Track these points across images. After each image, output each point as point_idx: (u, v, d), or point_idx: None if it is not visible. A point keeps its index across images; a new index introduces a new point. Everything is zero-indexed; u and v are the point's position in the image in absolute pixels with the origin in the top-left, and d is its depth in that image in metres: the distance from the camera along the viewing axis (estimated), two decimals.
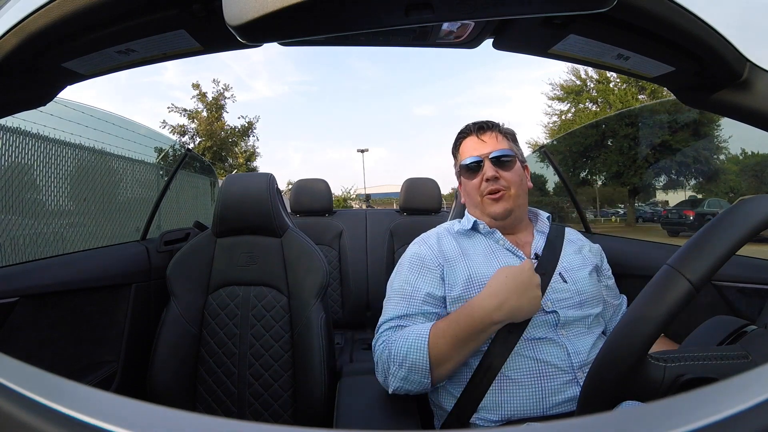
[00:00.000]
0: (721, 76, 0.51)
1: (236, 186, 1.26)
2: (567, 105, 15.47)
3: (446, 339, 0.74)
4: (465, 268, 0.85)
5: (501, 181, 0.90)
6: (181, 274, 1.21)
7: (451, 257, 0.88)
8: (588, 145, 10.55)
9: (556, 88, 15.51)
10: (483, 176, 0.90)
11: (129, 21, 0.47)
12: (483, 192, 0.91)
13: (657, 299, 0.42)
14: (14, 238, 1.76)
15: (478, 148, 0.93)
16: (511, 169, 0.90)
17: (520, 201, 0.91)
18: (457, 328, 0.74)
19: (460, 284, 0.83)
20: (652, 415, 0.21)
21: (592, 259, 0.93)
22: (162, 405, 0.22)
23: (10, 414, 0.22)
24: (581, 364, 0.76)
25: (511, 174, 0.90)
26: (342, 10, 0.30)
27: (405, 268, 0.89)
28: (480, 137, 0.94)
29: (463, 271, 0.84)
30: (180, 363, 1.14)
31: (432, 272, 0.86)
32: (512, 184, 0.90)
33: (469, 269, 0.84)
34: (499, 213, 0.89)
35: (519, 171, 0.92)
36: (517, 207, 0.91)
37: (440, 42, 0.62)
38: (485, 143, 0.92)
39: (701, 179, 8.79)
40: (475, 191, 0.93)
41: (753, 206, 0.43)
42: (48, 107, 0.72)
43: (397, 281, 0.89)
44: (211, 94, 14.65)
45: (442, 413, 0.83)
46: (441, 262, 0.87)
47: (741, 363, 0.42)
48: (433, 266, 0.87)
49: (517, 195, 0.90)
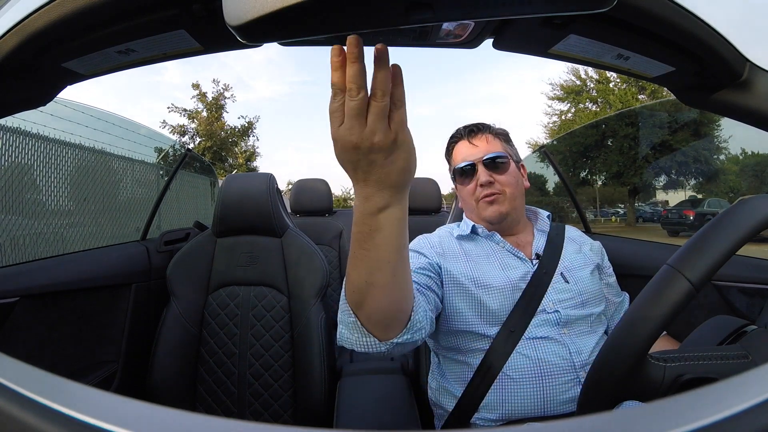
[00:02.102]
0: (721, 76, 0.51)
1: (236, 186, 1.26)
2: (567, 105, 15.48)
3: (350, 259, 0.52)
4: (467, 267, 0.85)
5: (495, 184, 0.89)
6: (181, 274, 1.21)
7: (451, 254, 0.88)
8: (588, 145, 10.55)
9: (556, 88, 15.52)
10: (477, 181, 0.90)
11: (129, 21, 0.47)
12: (478, 197, 0.90)
13: (657, 299, 0.42)
14: (14, 238, 1.76)
15: (470, 152, 0.92)
16: (505, 172, 0.89)
17: (516, 203, 0.91)
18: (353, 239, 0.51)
19: (459, 280, 0.83)
20: (652, 415, 0.21)
21: (593, 257, 0.93)
22: (162, 405, 0.22)
23: (10, 414, 0.22)
24: (583, 364, 0.75)
25: (506, 176, 0.89)
26: (342, 10, 0.30)
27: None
28: (471, 141, 0.93)
29: (464, 269, 0.84)
30: (180, 363, 1.14)
31: (426, 258, 0.85)
32: (507, 186, 0.89)
33: (472, 270, 0.84)
34: (494, 217, 0.89)
35: (514, 172, 0.91)
36: (513, 209, 0.90)
37: (440, 42, 0.62)
38: (477, 147, 0.91)
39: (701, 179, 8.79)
40: (470, 196, 0.92)
41: (753, 206, 0.43)
42: (48, 107, 0.72)
43: None
44: (211, 94, 14.68)
45: (443, 413, 0.83)
46: (438, 257, 0.87)
47: (741, 363, 0.42)
48: (430, 255, 0.86)
49: (512, 197, 0.90)
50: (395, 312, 0.55)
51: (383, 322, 0.55)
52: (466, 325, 0.81)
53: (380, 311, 0.53)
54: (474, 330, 0.80)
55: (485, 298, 0.81)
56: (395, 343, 0.57)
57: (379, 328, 0.55)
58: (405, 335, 0.58)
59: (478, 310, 0.80)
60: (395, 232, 0.47)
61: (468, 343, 0.81)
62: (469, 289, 0.82)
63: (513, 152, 0.95)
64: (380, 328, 0.55)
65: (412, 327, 0.58)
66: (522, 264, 0.86)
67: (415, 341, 0.61)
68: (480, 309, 0.80)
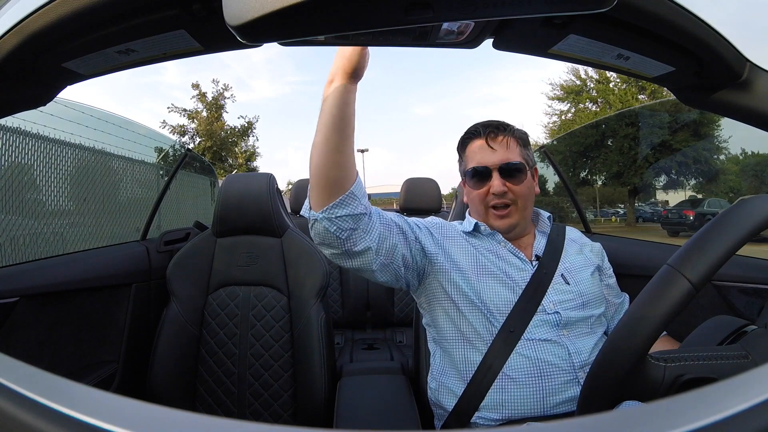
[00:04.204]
0: (721, 76, 0.51)
1: (236, 186, 1.26)
2: (567, 105, 15.47)
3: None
4: (471, 257, 0.85)
5: (509, 194, 0.85)
6: (181, 274, 1.21)
7: (457, 242, 0.88)
8: (588, 145, 10.55)
9: (556, 88, 15.51)
10: (489, 188, 0.86)
11: (129, 21, 0.47)
12: (488, 203, 0.87)
13: (657, 299, 0.42)
14: (14, 238, 1.76)
15: (487, 155, 0.86)
16: (521, 182, 0.85)
17: (526, 212, 0.88)
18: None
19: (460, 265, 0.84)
20: (652, 415, 0.21)
21: (594, 259, 0.92)
22: (162, 405, 0.22)
23: (10, 414, 0.22)
24: (582, 364, 0.75)
25: (520, 187, 0.85)
26: (342, 10, 0.30)
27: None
28: (490, 143, 0.87)
29: (468, 258, 0.85)
30: (180, 363, 1.14)
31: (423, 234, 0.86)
32: (520, 197, 0.85)
33: (476, 260, 0.85)
34: (503, 228, 0.87)
35: (528, 182, 0.87)
36: (522, 219, 0.88)
37: (440, 42, 0.62)
38: (495, 151, 0.86)
39: (701, 179, 8.79)
40: (479, 201, 0.88)
41: (753, 206, 0.43)
42: (48, 107, 0.72)
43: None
44: (210, 94, 14.67)
45: (443, 413, 0.83)
46: (441, 238, 0.87)
47: (741, 363, 0.42)
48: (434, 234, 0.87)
49: (523, 207, 0.87)
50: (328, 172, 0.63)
51: (319, 184, 0.64)
52: (465, 322, 0.81)
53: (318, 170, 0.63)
54: (474, 324, 0.80)
55: (485, 290, 0.81)
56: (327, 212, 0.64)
57: (316, 190, 0.65)
58: (339, 209, 0.64)
59: (478, 309, 0.80)
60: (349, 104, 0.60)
61: (468, 343, 0.81)
62: (470, 276, 0.82)
63: (530, 157, 0.90)
64: (317, 190, 0.65)
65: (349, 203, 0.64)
66: (522, 264, 0.86)
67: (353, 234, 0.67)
68: (479, 309, 0.80)
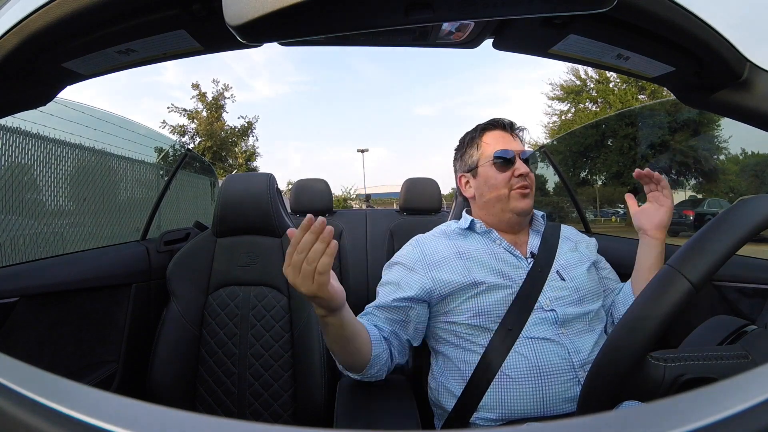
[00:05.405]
0: (721, 76, 0.51)
1: (236, 186, 1.26)
2: (567, 105, 15.45)
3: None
4: (461, 271, 0.84)
5: (528, 179, 0.91)
6: (181, 274, 1.21)
7: (444, 262, 0.87)
8: (588, 145, 10.54)
9: (556, 88, 15.49)
10: (514, 171, 0.90)
11: (129, 21, 0.47)
12: (513, 185, 0.90)
13: (657, 299, 0.42)
14: (14, 238, 1.76)
15: (512, 143, 0.93)
16: (533, 172, 0.92)
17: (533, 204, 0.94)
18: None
19: (453, 282, 0.83)
20: (652, 415, 0.21)
21: (589, 254, 0.94)
22: (162, 405, 0.22)
23: (10, 414, 0.22)
24: (582, 363, 0.75)
25: (532, 175, 0.92)
26: (342, 10, 0.30)
27: (395, 265, 0.92)
28: (512, 134, 0.95)
29: (457, 274, 0.84)
30: (180, 363, 1.14)
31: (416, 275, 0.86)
32: (532, 183, 0.92)
33: (467, 271, 0.84)
34: (526, 209, 0.90)
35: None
36: (531, 209, 0.92)
37: (440, 42, 0.62)
38: (516, 140, 0.94)
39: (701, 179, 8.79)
40: (504, 184, 0.90)
41: (753, 206, 0.43)
42: (48, 107, 0.72)
43: (388, 274, 0.92)
44: (210, 94, 14.66)
45: (442, 413, 0.83)
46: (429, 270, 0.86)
47: (741, 363, 0.42)
48: (420, 273, 0.86)
49: (533, 197, 0.92)
50: (352, 362, 0.78)
51: (348, 366, 0.80)
52: (464, 322, 0.81)
53: (343, 361, 0.79)
54: (471, 324, 0.80)
55: (481, 296, 0.81)
56: (365, 374, 0.80)
57: (347, 368, 0.81)
58: (369, 371, 0.80)
59: (475, 308, 0.80)
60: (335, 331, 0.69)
61: (467, 342, 0.81)
62: (465, 291, 0.82)
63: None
64: (348, 368, 0.81)
65: (374, 366, 0.79)
66: (518, 262, 0.86)
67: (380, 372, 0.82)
68: (476, 308, 0.80)
